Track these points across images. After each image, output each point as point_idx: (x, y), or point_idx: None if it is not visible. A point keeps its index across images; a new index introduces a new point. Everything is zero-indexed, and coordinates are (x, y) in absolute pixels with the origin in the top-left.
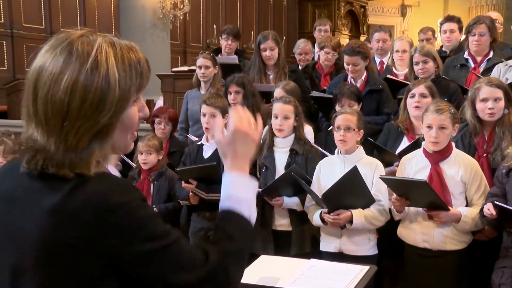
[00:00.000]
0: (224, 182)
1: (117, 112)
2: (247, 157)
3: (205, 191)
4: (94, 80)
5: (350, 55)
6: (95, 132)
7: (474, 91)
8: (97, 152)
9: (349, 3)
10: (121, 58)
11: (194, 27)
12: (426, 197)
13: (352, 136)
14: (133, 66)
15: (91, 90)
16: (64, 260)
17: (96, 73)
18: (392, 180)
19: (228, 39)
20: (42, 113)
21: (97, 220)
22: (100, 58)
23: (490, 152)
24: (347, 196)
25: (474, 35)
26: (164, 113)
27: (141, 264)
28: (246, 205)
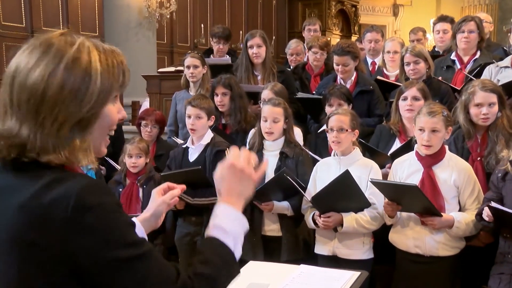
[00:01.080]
0: (214, 212)
1: (98, 104)
2: (243, 195)
3: (191, 196)
4: (75, 69)
5: (340, 55)
6: (75, 122)
7: (468, 96)
8: (79, 143)
9: (340, 2)
10: (103, 54)
11: (181, 27)
12: (418, 202)
13: (346, 136)
14: (116, 64)
15: (70, 78)
16: (31, 260)
17: (78, 63)
18: (383, 184)
19: (219, 43)
20: (16, 100)
21: (68, 218)
22: (82, 51)
23: (484, 155)
24: (340, 200)
25: (463, 32)
26: (151, 115)
27: (107, 272)
28: (232, 238)
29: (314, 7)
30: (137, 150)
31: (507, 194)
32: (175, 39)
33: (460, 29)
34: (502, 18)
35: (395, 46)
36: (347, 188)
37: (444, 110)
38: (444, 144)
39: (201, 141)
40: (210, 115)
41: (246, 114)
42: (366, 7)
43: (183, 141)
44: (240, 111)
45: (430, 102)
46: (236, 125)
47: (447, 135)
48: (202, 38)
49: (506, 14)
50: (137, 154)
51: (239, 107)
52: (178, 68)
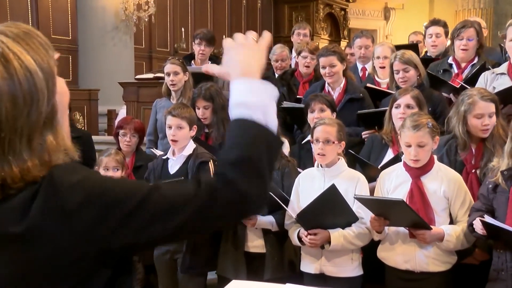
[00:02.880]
0: (231, 90)
1: (51, 91)
2: (257, 65)
3: None
4: (13, 76)
5: (325, 55)
6: (43, 124)
7: (469, 106)
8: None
9: (329, 5)
10: (23, 41)
11: (160, 30)
12: (406, 217)
13: (332, 149)
14: (38, 43)
15: (15, 86)
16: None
17: (11, 66)
18: (368, 200)
19: (201, 44)
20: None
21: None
22: (6, 54)
23: (480, 167)
24: (326, 215)
25: (462, 39)
26: (129, 124)
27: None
28: (260, 110)
29: (301, 10)
30: (114, 163)
31: (499, 206)
32: (154, 44)
33: (459, 36)
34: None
35: (385, 51)
36: (334, 203)
37: (429, 120)
38: (432, 154)
39: (183, 152)
40: (192, 125)
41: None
42: (356, 11)
43: (163, 153)
44: (223, 124)
45: (415, 112)
46: (219, 139)
47: (435, 145)
48: (183, 43)
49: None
50: (114, 167)
51: (222, 119)
52: (157, 74)
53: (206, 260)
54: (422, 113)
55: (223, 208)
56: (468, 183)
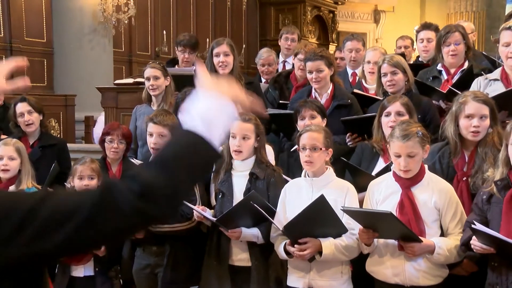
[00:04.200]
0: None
1: None
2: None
3: None
4: None
5: (313, 60)
6: None
7: (460, 106)
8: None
9: (317, 7)
10: None
11: (140, 33)
12: (395, 229)
13: (319, 156)
14: None
15: None
16: None
17: None
18: (356, 212)
19: (185, 52)
20: None
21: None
22: None
23: (470, 175)
24: (315, 227)
25: (449, 45)
26: (117, 130)
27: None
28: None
29: (288, 12)
30: (89, 171)
31: (493, 218)
32: (134, 47)
33: (446, 42)
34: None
35: (376, 56)
36: (323, 215)
37: (419, 129)
38: (423, 163)
39: None
40: None
41: None
42: (345, 13)
43: (141, 162)
44: None
45: (403, 121)
46: None
47: (425, 154)
48: (165, 46)
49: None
50: (89, 176)
51: None
52: (137, 79)
53: (188, 274)
54: (411, 121)
55: (117, 215)
56: (458, 191)
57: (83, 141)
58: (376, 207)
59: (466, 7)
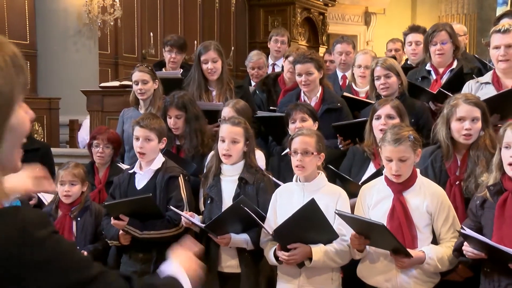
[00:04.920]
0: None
1: (3, 119)
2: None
3: (139, 229)
4: None
5: (302, 62)
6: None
7: (451, 108)
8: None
9: (306, 9)
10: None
11: (127, 35)
12: (386, 241)
13: (311, 160)
14: (9, 61)
15: None
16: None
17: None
18: (349, 217)
19: (172, 52)
20: None
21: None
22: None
23: (463, 179)
24: (305, 232)
25: (436, 44)
26: (103, 134)
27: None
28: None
29: (278, 14)
30: (70, 177)
31: (486, 223)
32: (120, 50)
33: (432, 41)
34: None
35: (367, 60)
36: (313, 219)
37: (411, 133)
38: (414, 167)
39: (151, 166)
40: (161, 137)
41: (203, 137)
42: (335, 15)
43: (129, 166)
44: (196, 135)
45: (395, 125)
46: (192, 150)
47: (417, 158)
48: (152, 49)
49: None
50: (71, 181)
51: (195, 130)
52: (124, 82)
53: None
54: (403, 125)
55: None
56: (451, 195)
57: (67, 146)
58: (368, 212)
59: (457, 9)
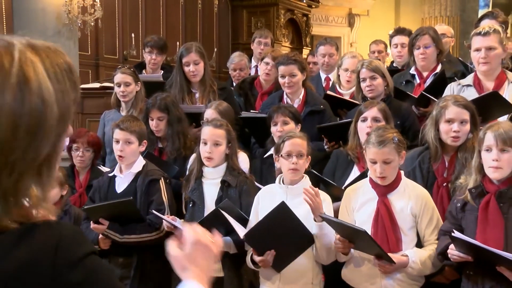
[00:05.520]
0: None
1: (60, 135)
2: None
3: (120, 233)
4: (27, 96)
5: (286, 64)
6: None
7: (440, 110)
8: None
9: (290, 10)
10: (51, 66)
11: (108, 36)
12: (369, 247)
13: (304, 163)
14: (65, 73)
15: (23, 112)
16: None
17: (26, 89)
18: (333, 222)
19: (152, 53)
20: None
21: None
22: (27, 69)
23: (450, 181)
24: (277, 236)
25: (419, 48)
26: (82, 137)
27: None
28: None
29: (261, 15)
30: None
31: (467, 226)
32: (101, 51)
33: (415, 45)
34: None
35: (354, 65)
36: (285, 222)
37: (395, 135)
38: (399, 169)
39: (131, 169)
40: (141, 139)
41: (185, 139)
42: (319, 17)
43: (109, 169)
44: (178, 137)
45: (379, 127)
46: (174, 153)
47: (401, 160)
48: (133, 50)
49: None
50: None
51: (178, 133)
52: (104, 84)
53: (157, 287)
54: (387, 127)
55: None
56: (438, 197)
57: None
58: (353, 214)
59: (440, 11)
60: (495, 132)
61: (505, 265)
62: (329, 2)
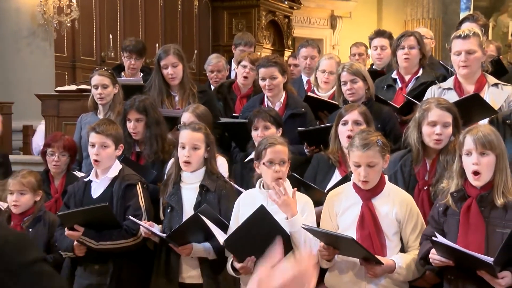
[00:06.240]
0: None
1: None
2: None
3: (95, 239)
4: None
5: (266, 66)
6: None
7: (423, 112)
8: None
9: (271, 12)
10: None
11: (85, 37)
12: (356, 251)
13: (286, 169)
14: None
15: None
16: None
17: None
18: (317, 231)
19: (131, 58)
20: None
21: None
22: None
23: (431, 184)
24: (257, 241)
25: (403, 48)
26: (58, 142)
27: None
28: None
29: (242, 17)
30: (18, 186)
31: (449, 230)
32: (78, 52)
33: (400, 45)
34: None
35: (331, 66)
36: (264, 227)
37: (379, 138)
38: (383, 173)
39: (107, 174)
40: (118, 143)
41: (163, 143)
42: (301, 19)
43: (84, 174)
44: (156, 140)
45: (364, 129)
46: (152, 156)
47: (385, 163)
48: (111, 51)
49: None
50: (19, 191)
51: (156, 135)
52: (81, 86)
53: None
54: (371, 130)
55: None
56: (419, 201)
57: (21, 152)
58: (336, 219)
59: (422, 14)
60: (474, 136)
61: (485, 269)
62: (311, 3)
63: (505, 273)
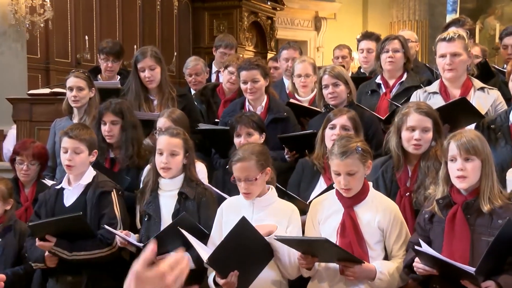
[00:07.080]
0: None
1: None
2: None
3: (68, 249)
4: None
5: (248, 69)
6: None
7: (402, 117)
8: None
9: (254, 13)
10: None
11: (59, 38)
12: (333, 254)
13: (257, 183)
14: None
15: None
16: None
17: None
18: (290, 240)
19: (108, 60)
20: None
21: None
22: None
23: (413, 190)
24: (241, 255)
25: (387, 51)
26: (27, 150)
27: None
28: None
29: (223, 18)
30: None
31: (435, 237)
32: (52, 54)
33: (384, 49)
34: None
35: (306, 69)
36: (248, 239)
37: (359, 144)
38: (367, 180)
39: (80, 180)
40: (91, 148)
41: (139, 147)
42: (284, 20)
43: (55, 182)
44: (132, 144)
45: (342, 136)
46: (127, 160)
47: (368, 170)
48: (87, 53)
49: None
50: None
51: (131, 139)
52: (55, 89)
53: None
54: (351, 136)
55: None
56: (401, 207)
57: None
58: (318, 227)
59: (409, 16)
60: (457, 142)
61: (468, 279)
62: (294, 4)
63: (489, 283)
